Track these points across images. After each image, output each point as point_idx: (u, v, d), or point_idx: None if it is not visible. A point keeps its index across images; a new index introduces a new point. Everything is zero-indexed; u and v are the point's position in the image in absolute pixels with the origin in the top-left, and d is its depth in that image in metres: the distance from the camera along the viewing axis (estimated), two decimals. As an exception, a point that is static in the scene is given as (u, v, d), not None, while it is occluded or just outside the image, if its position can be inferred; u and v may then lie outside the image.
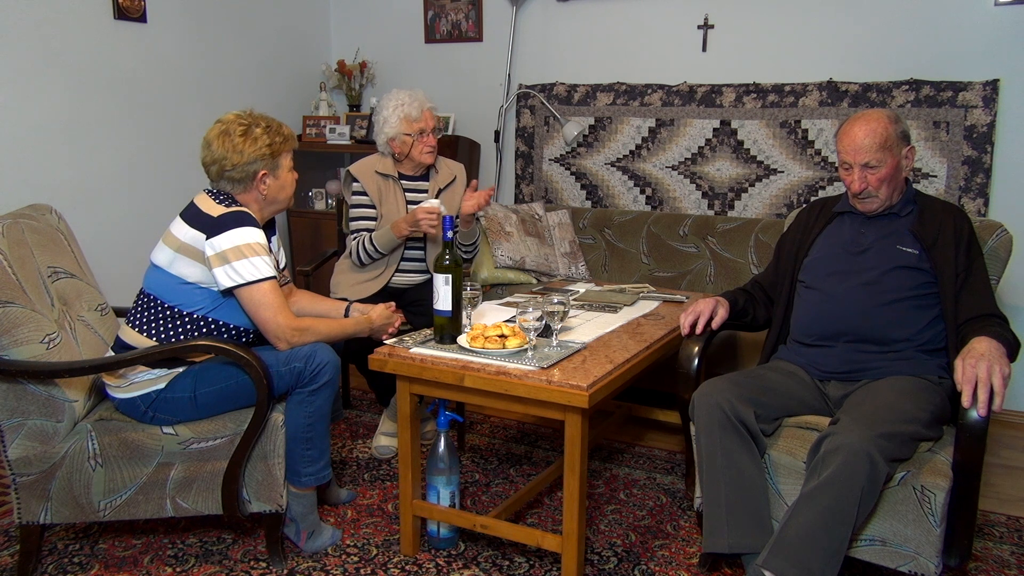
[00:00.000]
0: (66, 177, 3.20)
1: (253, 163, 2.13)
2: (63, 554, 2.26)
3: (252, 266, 2.05)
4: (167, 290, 2.11)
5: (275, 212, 2.28)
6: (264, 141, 2.14)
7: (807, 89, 3.42)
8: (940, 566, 1.86)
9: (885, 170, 2.12)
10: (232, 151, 2.11)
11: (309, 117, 4.25)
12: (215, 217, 2.07)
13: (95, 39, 3.26)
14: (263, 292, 2.07)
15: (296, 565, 2.20)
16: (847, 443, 1.79)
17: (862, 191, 2.15)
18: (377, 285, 2.93)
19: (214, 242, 2.04)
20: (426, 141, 2.92)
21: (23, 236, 2.12)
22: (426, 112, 2.91)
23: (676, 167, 3.72)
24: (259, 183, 2.16)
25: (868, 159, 2.11)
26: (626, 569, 2.21)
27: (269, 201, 2.22)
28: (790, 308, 2.34)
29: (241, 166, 2.12)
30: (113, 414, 2.14)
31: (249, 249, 2.05)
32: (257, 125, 2.16)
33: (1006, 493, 2.70)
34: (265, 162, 2.15)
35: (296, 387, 2.11)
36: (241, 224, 2.06)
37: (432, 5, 4.18)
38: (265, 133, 2.15)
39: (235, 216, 2.07)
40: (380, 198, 2.95)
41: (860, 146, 2.11)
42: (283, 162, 2.21)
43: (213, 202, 2.12)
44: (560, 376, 1.94)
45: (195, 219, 2.09)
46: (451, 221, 2.15)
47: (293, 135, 2.28)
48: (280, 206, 2.26)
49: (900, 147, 2.14)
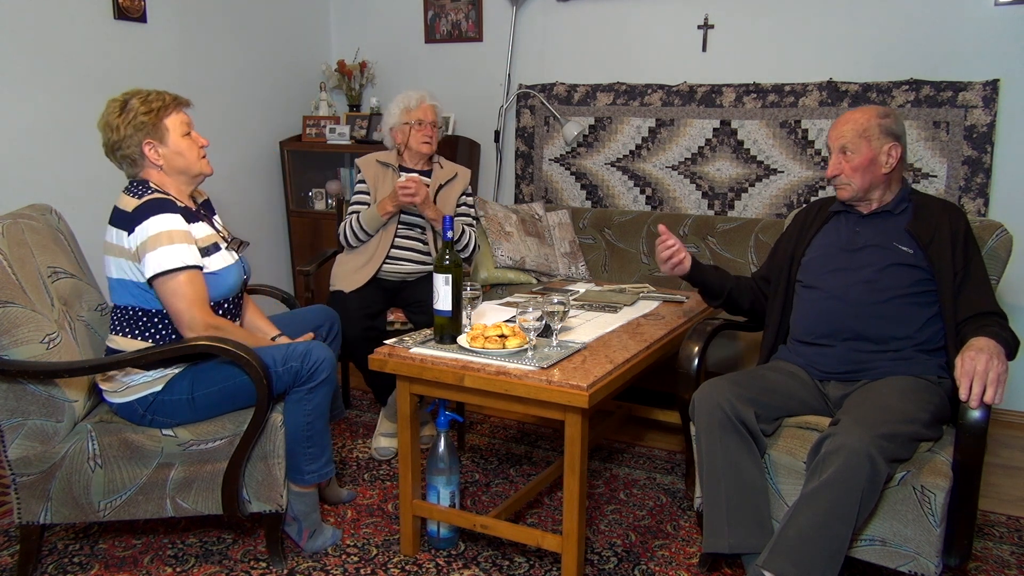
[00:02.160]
0: (66, 177, 3.20)
1: (132, 135, 2.06)
2: (63, 554, 2.26)
3: (167, 255, 1.99)
4: (132, 297, 2.09)
5: (193, 182, 2.19)
6: (139, 110, 2.06)
7: (807, 89, 3.42)
8: (940, 566, 1.86)
9: (859, 159, 2.16)
10: (111, 131, 2.07)
11: (309, 117, 4.24)
12: (130, 212, 2.03)
13: (95, 39, 3.26)
14: (178, 283, 2.00)
15: (296, 565, 2.20)
16: (848, 444, 1.79)
17: (835, 176, 2.21)
18: (368, 273, 2.99)
19: (132, 237, 2.01)
20: (423, 130, 3.03)
21: (23, 236, 2.12)
22: (425, 105, 3.06)
23: (676, 167, 3.72)
24: (150, 154, 2.09)
25: (844, 143, 2.17)
26: (626, 569, 2.21)
27: (174, 171, 2.13)
28: (788, 307, 2.34)
29: (123, 141, 2.06)
30: (113, 416, 2.14)
31: (165, 237, 1.99)
32: (133, 97, 2.09)
33: (1006, 493, 2.70)
34: (145, 131, 2.07)
35: (294, 386, 2.11)
36: (154, 213, 2.01)
37: (432, 5, 4.18)
38: (140, 103, 2.07)
39: (147, 206, 2.02)
40: (376, 184, 3.08)
41: (840, 131, 2.19)
42: (169, 126, 2.10)
43: (128, 197, 2.07)
44: (560, 376, 1.94)
45: (117, 219, 2.07)
46: (451, 221, 2.15)
47: (180, 100, 2.15)
48: (191, 174, 2.16)
49: (882, 141, 2.15)
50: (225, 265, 2.15)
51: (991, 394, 1.81)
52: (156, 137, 2.09)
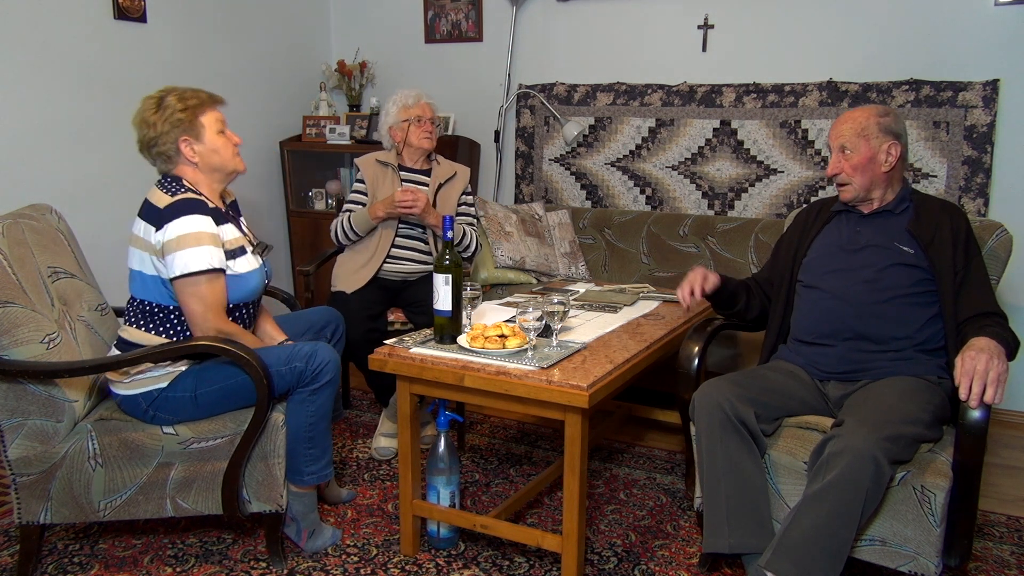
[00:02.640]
0: (66, 177, 3.20)
1: (169, 132, 2.08)
2: (63, 554, 2.26)
3: (193, 257, 2.00)
4: (151, 291, 2.10)
5: (226, 180, 2.21)
6: (176, 107, 2.09)
7: (807, 89, 3.42)
8: (940, 566, 1.86)
9: (858, 157, 2.16)
10: (148, 128, 2.09)
11: (309, 117, 4.24)
12: (161, 208, 2.04)
13: (95, 39, 3.26)
14: (199, 285, 2.02)
15: (296, 565, 2.20)
16: (852, 446, 1.79)
17: (836, 175, 2.21)
18: (369, 272, 2.99)
19: (160, 234, 2.02)
20: (423, 127, 3.04)
21: (23, 236, 2.12)
22: (423, 103, 3.07)
23: (676, 167, 3.72)
24: (185, 150, 2.11)
25: (843, 142, 2.17)
26: (626, 569, 2.21)
27: (208, 168, 2.15)
28: (789, 308, 2.34)
29: (160, 137, 2.08)
30: (113, 414, 2.14)
31: (193, 239, 2.01)
32: (169, 94, 2.11)
33: (1006, 493, 2.70)
34: (182, 128, 2.09)
35: (297, 387, 2.11)
36: (185, 213, 2.02)
37: (432, 5, 4.18)
38: (177, 99, 2.10)
39: (180, 205, 2.03)
40: (375, 184, 3.08)
41: (839, 131, 2.20)
42: (205, 123, 2.13)
43: (161, 192, 2.08)
44: (560, 376, 1.94)
45: (147, 213, 2.07)
46: (451, 221, 2.15)
47: (215, 98, 2.19)
48: (226, 171, 2.18)
49: (881, 139, 2.15)
50: (250, 269, 2.17)
51: (991, 394, 1.81)
52: (192, 134, 2.11)
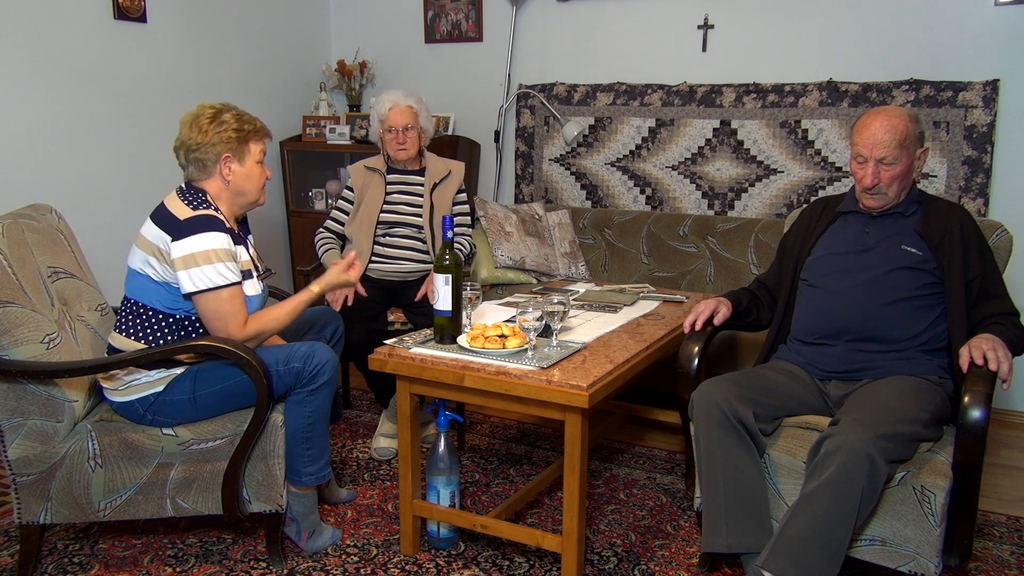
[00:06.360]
0: (66, 177, 3.20)
1: (217, 144, 2.10)
2: (63, 554, 2.26)
3: (214, 272, 2.02)
4: (147, 293, 2.10)
5: (246, 207, 2.24)
6: (232, 125, 2.12)
7: (807, 89, 3.42)
8: (940, 566, 1.86)
9: (899, 168, 2.11)
10: (198, 132, 2.10)
11: (309, 117, 4.24)
12: (181, 220, 2.04)
13: (95, 39, 3.26)
14: (220, 300, 2.04)
15: (296, 565, 2.20)
16: (848, 444, 1.79)
17: (873, 186, 2.13)
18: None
19: (178, 246, 2.02)
20: (396, 137, 3.04)
21: (23, 236, 2.12)
22: (399, 108, 3.02)
23: (676, 167, 3.72)
24: (223, 167, 2.13)
25: (884, 154, 2.09)
26: (626, 569, 2.21)
27: (236, 191, 2.17)
28: (791, 307, 2.34)
29: (205, 146, 2.09)
30: (113, 415, 2.14)
31: (214, 255, 2.02)
32: (228, 111, 2.14)
33: (1006, 493, 2.70)
34: (230, 145, 2.12)
35: (295, 387, 2.11)
36: (206, 229, 2.03)
37: (432, 5, 4.18)
38: (235, 119, 2.13)
39: (201, 220, 2.04)
40: (363, 191, 3.12)
41: (878, 140, 2.09)
42: (251, 150, 2.17)
43: (181, 203, 2.09)
44: (560, 376, 1.94)
45: (162, 220, 2.07)
46: (450, 221, 2.15)
47: (267, 131, 2.24)
48: (249, 199, 2.22)
49: (916, 147, 2.13)
50: (254, 293, 2.18)
51: (1007, 369, 1.86)
52: (237, 155, 2.14)
